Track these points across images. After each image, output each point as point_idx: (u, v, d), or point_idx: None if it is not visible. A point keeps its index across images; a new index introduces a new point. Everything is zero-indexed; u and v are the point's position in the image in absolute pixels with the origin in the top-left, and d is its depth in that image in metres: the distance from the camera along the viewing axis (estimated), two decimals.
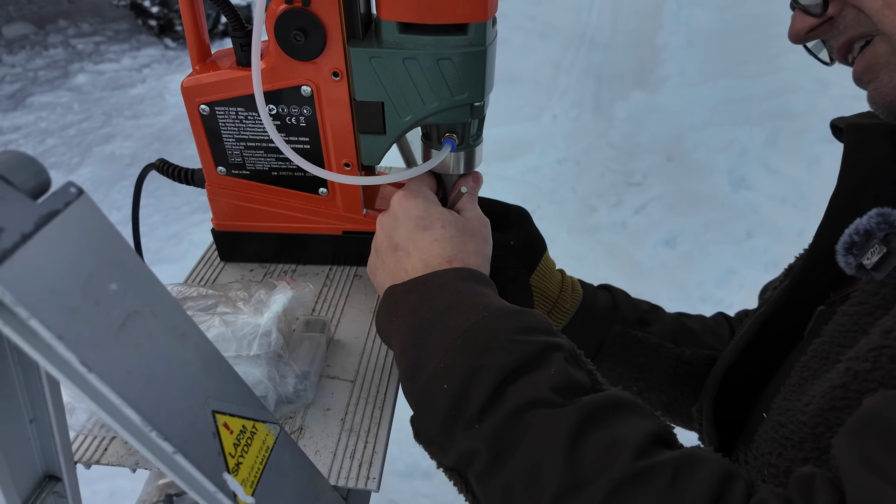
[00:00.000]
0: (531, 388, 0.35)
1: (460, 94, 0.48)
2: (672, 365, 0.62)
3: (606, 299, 0.63)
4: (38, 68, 3.45)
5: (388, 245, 0.49)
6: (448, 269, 0.45)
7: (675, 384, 0.62)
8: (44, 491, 0.32)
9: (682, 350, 0.63)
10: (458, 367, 0.37)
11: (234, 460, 0.29)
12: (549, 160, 2.58)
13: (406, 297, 0.44)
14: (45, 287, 0.20)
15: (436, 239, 0.46)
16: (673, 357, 0.62)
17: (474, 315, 0.39)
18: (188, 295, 0.52)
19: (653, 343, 0.62)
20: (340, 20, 0.48)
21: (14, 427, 0.29)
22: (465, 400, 0.36)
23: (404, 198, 0.49)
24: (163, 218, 2.28)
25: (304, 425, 0.49)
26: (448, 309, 0.41)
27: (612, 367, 0.62)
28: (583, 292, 0.62)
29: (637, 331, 0.62)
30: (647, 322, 0.63)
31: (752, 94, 2.99)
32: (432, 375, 0.38)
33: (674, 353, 0.62)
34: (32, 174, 0.21)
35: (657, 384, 0.63)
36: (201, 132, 0.57)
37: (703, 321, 0.66)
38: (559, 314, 0.61)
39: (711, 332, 0.65)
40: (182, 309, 0.27)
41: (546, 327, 0.40)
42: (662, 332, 0.63)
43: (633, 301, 0.65)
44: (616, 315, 0.62)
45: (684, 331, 0.64)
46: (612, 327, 0.62)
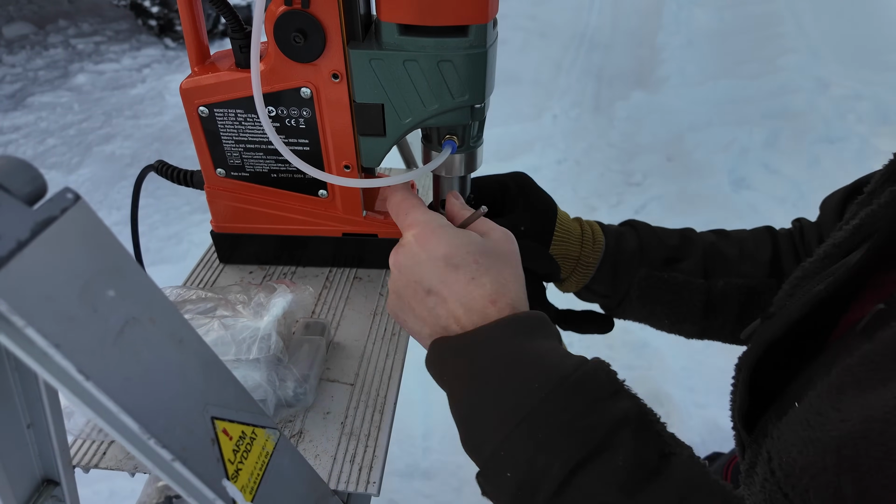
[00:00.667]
0: (598, 486, 0.33)
1: (461, 95, 0.48)
2: (702, 298, 0.60)
3: (632, 242, 0.61)
4: (38, 68, 3.45)
5: (414, 289, 0.43)
6: (496, 322, 0.41)
7: (708, 315, 0.61)
8: (42, 495, 0.32)
9: (714, 282, 0.60)
10: (519, 456, 0.35)
11: (233, 466, 0.29)
12: (549, 160, 2.57)
13: (454, 360, 0.41)
14: (42, 295, 0.20)
15: (472, 277, 0.42)
16: (703, 291, 0.60)
17: (532, 397, 0.36)
18: (187, 298, 0.51)
19: (680, 281, 0.60)
20: (340, 22, 0.48)
21: (11, 432, 0.29)
22: (530, 492, 0.35)
23: (423, 235, 0.44)
24: (163, 218, 2.27)
25: (303, 429, 0.49)
26: (503, 387, 0.38)
27: (643, 306, 0.61)
28: (605, 240, 0.60)
29: (663, 272, 0.60)
30: (677, 259, 0.61)
31: (752, 94, 2.99)
32: (493, 457, 0.36)
33: (703, 288, 0.60)
34: (28, 180, 0.21)
35: (689, 316, 0.61)
36: (200, 134, 0.57)
37: (743, 245, 0.62)
38: (583, 269, 0.60)
39: (749, 259, 0.61)
40: (180, 314, 0.27)
41: (611, 385, 0.38)
42: (692, 267, 0.60)
43: (660, 238, 0.62)
44: (642, 258, 0.60)
45: (718, 260, 0.61)
46: (638, 271, 0.60)
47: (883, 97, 2.85)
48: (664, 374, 1.58)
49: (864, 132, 2.61)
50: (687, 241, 0.62)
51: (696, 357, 1.67)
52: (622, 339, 1.71)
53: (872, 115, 2.74)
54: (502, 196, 0.59)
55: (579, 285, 0.62)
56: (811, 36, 3.54)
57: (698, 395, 1.55)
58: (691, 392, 1.55)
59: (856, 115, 2.74)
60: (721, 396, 1.55)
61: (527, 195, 0.59)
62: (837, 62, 3.18)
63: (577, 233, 0.60)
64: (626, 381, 0.40)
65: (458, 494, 1.34)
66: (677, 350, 1.68)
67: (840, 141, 2.57)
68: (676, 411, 1.48)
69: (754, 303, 0.60)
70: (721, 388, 1.57)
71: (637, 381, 1.58)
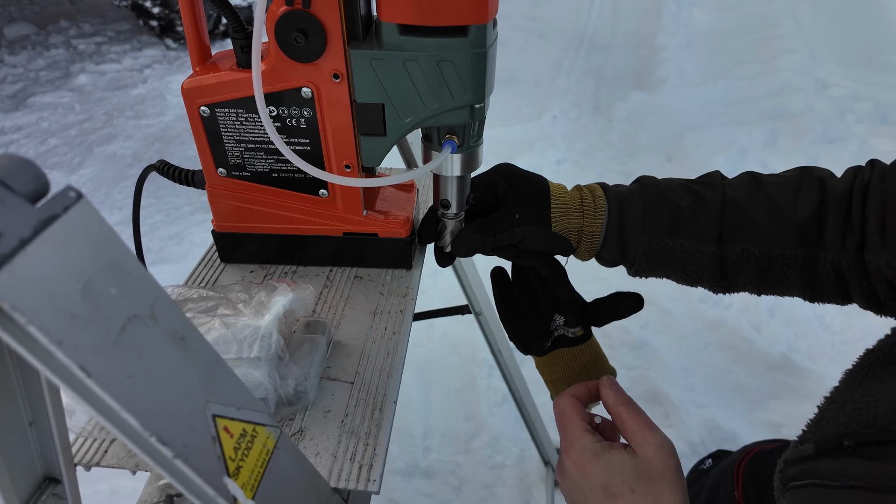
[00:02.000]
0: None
1: (461, 95, 0.48)
2: (714, 265, 0.56)
3: (636, 205, 0.57)
4: (40, 68, 3.45)
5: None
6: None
7: (725, 277, 0.57)
8: (44, 493, 0.32)
9: (730, 248, 0.55)
10: None
11: (234, 464, 0.29)
12: (548, 160, 2.58)
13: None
14: (44, 292, 0.20)
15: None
16: (714, 258, 0.56)
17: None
18: (189, 297, 0.51)
19: (687, 248, 0.56)
20: (341, 22, 0.48)
21: (13, 430, 0.29)
22: None
23: (580, 462, 0.46)
24: (164, 218, 2.28)
25: (304, 427, 0.49)
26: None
27: (654, 269, 0.58)
28: (608, 207, 0.57)
29: (667, 239, 0.56)
30: (684, 222, 0.56)
31: (751, 95, 2.99)
32: None
33: (714, 256, 0.55)
34: (31, 178, 0.21)
35: (705, 279, 0.58)
36: (202, 134, 0.57)
37: (777, 201, 0.55)
38: (589, 238, 0.58)
39: (780, 220, 0.54)
40: (182, 312, 0.27)
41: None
42: (703, 232, 0.55)
43: (667, 199, 0.56)
44: (646, 224, 0.56)
45: (738, 222, 0.55)
46: (642, 238, 0.56)
47: (882, 97, 2.85)
48: (664, 374, 1.58)
49: (863, 132, 2.62)
50: (699, 203, 0.56)
51: (696, 357, 1.67)
52: (622, 339, 1.71)
53: (871, 116, 2.74)
54: (493, 193, 0.59)
55: (591, 253, 0.60)
56: (810, 36, 3.54)
57: (698, 394, 1.55)
58: (691, 392, 1.55)
59: (855, 115, 2.74)
60: (720, 396, 1.56)
61: (514, 184, 0.58)
62: (836, 63, 3.19)
63: (577, 203, 0.58)
64: (627, 387, 0.40)
65: (457, 494, 1.34)
66: (677, 350, 1.68)
67: (839, 141, 2.57)
68: (676, 411, 1.48)
69: (776, 272, 0.56)
70: (720, 388, 1.57)
71: (637, 381, 1.58)
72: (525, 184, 0.58)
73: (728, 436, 1.42)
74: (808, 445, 0.48)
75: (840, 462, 0.44)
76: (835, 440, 0.46)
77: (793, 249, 0.54)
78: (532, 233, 0.56)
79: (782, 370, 1.60)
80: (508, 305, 0.63)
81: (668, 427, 1.46)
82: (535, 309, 0.62)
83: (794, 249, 0.54)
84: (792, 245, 0.54)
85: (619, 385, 0.52)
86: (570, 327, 0.61)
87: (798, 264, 0.55)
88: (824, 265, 0.54)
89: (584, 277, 1.36)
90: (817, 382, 1.54)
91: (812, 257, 0.54)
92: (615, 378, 0.54)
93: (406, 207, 0.66)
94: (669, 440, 0.46)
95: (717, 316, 1.78)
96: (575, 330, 0.61)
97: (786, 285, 0.57)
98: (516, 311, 0.63)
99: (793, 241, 0.54)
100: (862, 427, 0.44)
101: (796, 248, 0.54)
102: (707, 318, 1.78)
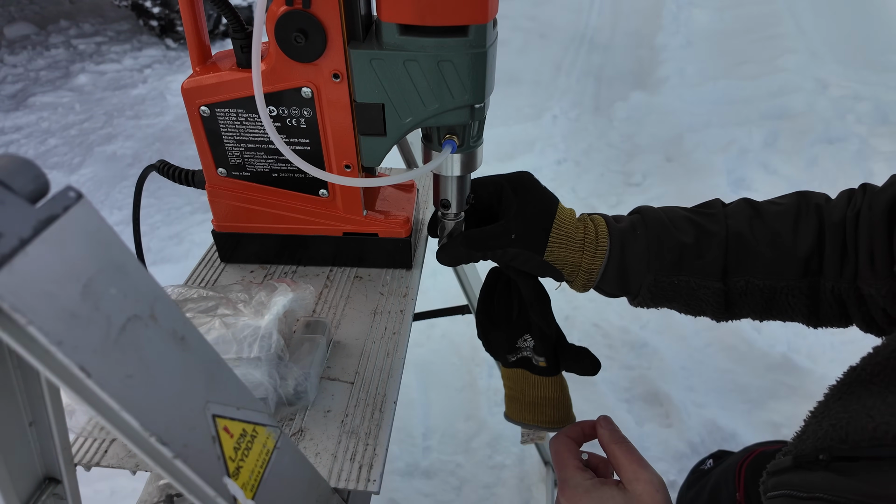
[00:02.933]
0: None
1: (461, 95, 0.48)
2: (719, 300, 0.56)
3: (640, 243, 0.56)
4: (40, 68, 3.45)
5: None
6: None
7: (729, 309, 0.57)
8: (44, 493, 0.32)
9: (734, 281, 0.55)
10: None
11: (234, 464, 0.29)
12: (548, 160, 2.58)
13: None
14: (44, 292, 0.20)
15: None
16: (720, 293, 0.56)
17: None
18: (189, 297, 0.51)
19: (693, 285, 0.56)
20: (341, 22, 0.48)
21: (13, 430, 0.29)
22: None
23: (575, 498, 0.48)
24: (164, 218, 2.28)
25: (304, 427, 0.49)
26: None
27: (657, 304, 0.59)
28: (609, 244, 0.56)
29: (673, 276, 0.56)
30: (689, 258, 0.56)
31: (751, 95, 2.99)
32: None
33: (720, 290, 0.55)
34: (31, 178, 0.21)
35: (708, 312, 0.58)
36: (202, 134, 0.57)
37: (778, 235, 0.55)
38: (586, 275, 0.57)
39: (782, 254, 0.54)
40: (182, 312, 0.27)
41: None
42: (709, 268, 0.55)
43: (671, 236, 0.56)
44: (650, 262, 0.56)
45: (742, 257, 0.55)
46: (646, 276, 0.56)
47: (882, 98, 2.85)
48: (663, 374, 1.58)
49: (863, 133, 2.61)
50: (703, 237, 0.56)
51: (696, 357, 1.67)
52: (622, 339, 1.71)
53: (872, 116, 2.74)
54: (498, 198, 0.58)
55: (588, 287, 0.59)
56: (810, 36, 3.54)
57: (698, 394, 1.55)
58: (690, 392, 1.55)
59: (855, 115, 2.74)
60: (720, 396, 1.55)
61: (522, 199, 0.56)
62: (837, 63, 3.19)
63: (579, 237, 0.56)
64: (627, 387, 0.40)
65: (457, 493, 1.34)
66: (677, 350, 1.68)
67: (839, 141, 2.57)
68: (675, 411, 1.48)
69: (781, 302, 0.56)
70: (720, 388, 1.57)
71: (636, 381, 1.58)
72: (534, 201, 0.56)
73: (728, 436, 1.42)
74: (788, 458, 0.49)
75: (812, 475, 0.45)
76: (812, 454, 0.47)
77: (797, 280, 0.54)
78: (522, 255, 0.55)
79: (782, 370, 1.60)
80: (486, 306, 0.63)
81: (667, 427, 1.46)
82: (505, 320, 0.61)
83: (798, 280, 0.54)
84: (796, 276, 0.54)
85: (614, 423, 0.54)
86: (537, 354, 0.61)
87: (803, 294, 0.55)
88: (825, 293, 0.54)
89: None
90: (817, 382, 1.54)
91: (815, 286, 0.54)
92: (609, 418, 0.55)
93: (406, 207, 0.66)
94: (660, 477, 0.48)
95: None
96: (539, 359, 0.61)
97: (789, 314, 0.57)
98: (489, 314, 0.63)
99: (796, 272, 0.54)
100: (835, 442, 0.45)
101: (800, 279, 0.54)
102: (707, 319, 1.78)
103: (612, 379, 1.57)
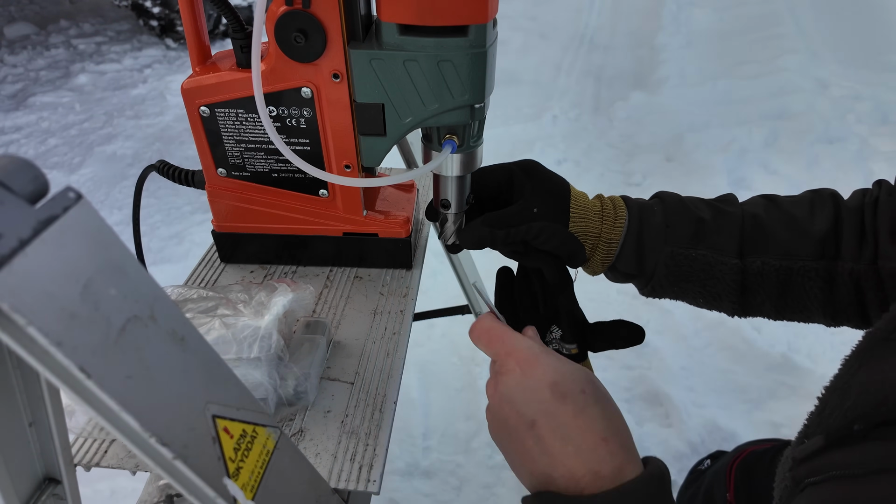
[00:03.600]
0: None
1: (461, 95, 0.48)
2: (736, 279, 0.56)
3: (657, 216, 0.57)
4: (40, 68, 3.45)
5: (517, 421, 0.41)
6: (617, 490, 0.37)
7: (744, 293, 0.57)
8: (43, 493, 0.32)
9: (751, 261, 0.55)
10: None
11: (234, 465, 0.29)
12: (548, 160, 2.58)
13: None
14: (44, 293, 0.20)
15: (580, 409, 0.40)
16: (736, 271, 0.55)
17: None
18: (189, 297, 0.51)
19: (710, 260, 0.55)
20: (341, 22, 0.48)
21: (13, 430, 0.29)
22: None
23: (528, 361, 0.42)
24: (164, 218, 2.27)
25: (304, 427, 0.49)
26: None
27: (672, 284, 0.58)
28: (628, 215, 0.57)
29: (690, 249, 0.56)
30: (706, 233, 0.56)
31: (751, 95, 2.99)
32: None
33: (737, 268, 0.55)
34: (30, 179, 0.21)
35: (724, 296, 0.57)
36: (201, 134, 0.57)
37: (793, 217, 0.56)
38: (606, 246, 0.57)
39: (798, 235, 0.55)
40: (181, 313, 0.27)
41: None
42: (725, 244, 0.55)
43: (688, 211, 0.57)
44: (667, 234, 0.56)
45: (758, 236, 0.56)
46: (664, 249, 0.56)
47: (882, 98, 2.85)
48: (664, 374, 1.58)
49: (863, 133, 2.61)
50: (720, 216, 0.57)
51: (696, 357, 1.67)
52: None
53: (872, 116, 2.74)
54: (508, 184, 0.57)
55: (605, 264, 0.59)
56: (811, 36, 3.54)
57: (698, 395, 1.55)
58: (691, 392, 1.55)
59: (855, 115, 2.74)
60: (720, 396, 1.55)
61: (535, 179, 0.57)
62: (837, 63, 3.18)
63: (597, 209, 0.57)
64: (627, 387, 0.39)
65: (457, 493, 1.34)
66: (677, 350, 1.68)
67: (839, 141, 2.57)
68: (676, 411, 1.48)
69: (797, 285, 0.55)
70: (720, 389, 1.57)
71: (637, 381, 1.58)
72: (546, 181, 0.57)
73: (728, 436, 1.42)
74: (817, 438, 0.45)
75: (855, 449, 0.41)
76: (844, 427, 0.43)
77: (813, 262, 0.54)
78: (548, 229, 0.54)
79: (782, 370, 1.60)
80: (506, 307, 0.62)
81: (668, 427, 1.46)
82: (532, 315, 0.61)
83: (814, 262, 0.54)
84: (812, 257, 0.54)
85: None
86: (566, 343, 0.59)
87: (819, 277, 0.54)
88: (842, 277, 0.54)
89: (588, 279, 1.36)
90: (817, 382, 1.53)
91: (831, 270, 0.54)
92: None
93: (406, 207, 0.66)
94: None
95: (717, 316, 1.78)
96: (570, 347, 0.59)
97: (805, 302, 0.56)
98: (514, 315, 0.62)
99: (812, 253, 0.54)
100: (870, 409, 0.41)
101: (816, 261, 0.54)
102: (707, 319, 1.78)
103: (612, 379, 1.57)
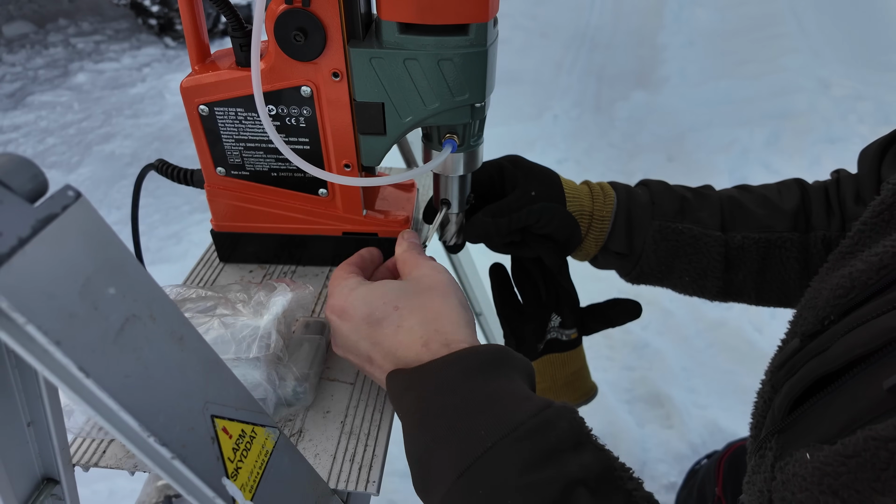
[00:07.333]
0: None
1: (461, 94, 0.48)
2: (720, 252, 0.59)
3: (644, 196, 0.61)
4: (38, 67, 3.45)
5: (359, 360, 0.46)
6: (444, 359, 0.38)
7: (728, 269, 0.60)
8: (42, 494, 0.32)
9: (732, 235, 0.59)
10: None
11: (233, 465, 0.29)
12: (549, 160, 2.58)
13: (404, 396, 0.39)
14: (43, 292, 0.20)
15: (397, 326, 0.41)
16: (720, 244, 0.59)
17: (477, 447, 0.33)
18: (187, 296, 0.51)
19: (696, 233, 0.59)
20: (340, 20, 0.48)
21: (11, 430, 0.29)
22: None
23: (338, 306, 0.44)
24: (162, 217, 2.27)
25: (303, 428, 0.49)
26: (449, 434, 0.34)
27: (660, 262, 0.61)
28: (616, 194, 0.61)
29: (676, 223, 0.59)
30: (690, 210, 0.60)
31: (753, 95, 2.98)
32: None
33: (721, 241, 0.59)
34: (30, 177, 0.21)
35: (709, 272, 0.60)
36: (200, 133, 0.57)
37: (766, 197, 0.61)
38: (598, 224, 0.60)
39: (772, 210, 0.60)
40: (180, 312, 0.27)
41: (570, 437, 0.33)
42: (708, 220, 0.60)
43: (672, 191, 0.62)
44: (654, 210, 0.60)
45: (736, 211, 0.60)
46: (651, 223, 0.59)
47: (884, 97, 2.84)
48: (664, 375, 1.58)
49: (865, 132, 2.61)
50: (701, 196, 0.61)
51: (697, 357, 1.67)
52: (622, 340, 1.71)
53: (873, 116, 2.74)
54: (500, 178, 0.59)
55: (598, 245, 0.61)
56: (812, 36, 3.54)
57: (699, 395, 1.55)
58: (692, 392, 1.55)
59: (857, 115, 2.74)
60: (721, 397, 1.55)
61: (524, 168, 0.59)
62: (839, 62, 3.18)
63: (587, 190, 0.61)
64: (628, 388, 0.39)
65: None
66: (678, 350, 1.68)
67: (841, 141, 2.57)
68: (677, 412, 1.48)
69: (775, 257, 0.59)
70: (721, 389, 1.57)
71: (637, 382, 1.58)
72: (534, 169, 0.60)
73: (729, 437, 1.42)
74: (794, 342, 0.45)
75: (825, 336, 0.41)
76: (817, 323, 0.43)
77: (789, 233, 0.59)
78: (550, 209, 0.56)
79: None
80: (508, 301, 0.63)
81: (669, 428, 1.46)
82: (537, 303, 0.62)
83: (789, 233, 0.59)
84: (787, 229, 0.59)
85: (416, 237, 0.51)
86: (566, 328, 0.60)
87: (794, 247, 0.59)
88: (815, 246, 0.58)
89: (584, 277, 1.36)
90: None
91: (804, 242, 0.59)
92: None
93: (406, 207, 0.66)
94: (443, 266, 0.45)
95: (718, 317, 1.78)
96: (570, 332, 0.60)
97: (783, 276, 0.60)
98: (516, 307, 0.62)
99: (787, 225, 0.59)
100: (840, 299, 0.41)
101: (791, 232, 0.59)
102: (708, 319, 1.78)
103: (612, 380, 1.57)
